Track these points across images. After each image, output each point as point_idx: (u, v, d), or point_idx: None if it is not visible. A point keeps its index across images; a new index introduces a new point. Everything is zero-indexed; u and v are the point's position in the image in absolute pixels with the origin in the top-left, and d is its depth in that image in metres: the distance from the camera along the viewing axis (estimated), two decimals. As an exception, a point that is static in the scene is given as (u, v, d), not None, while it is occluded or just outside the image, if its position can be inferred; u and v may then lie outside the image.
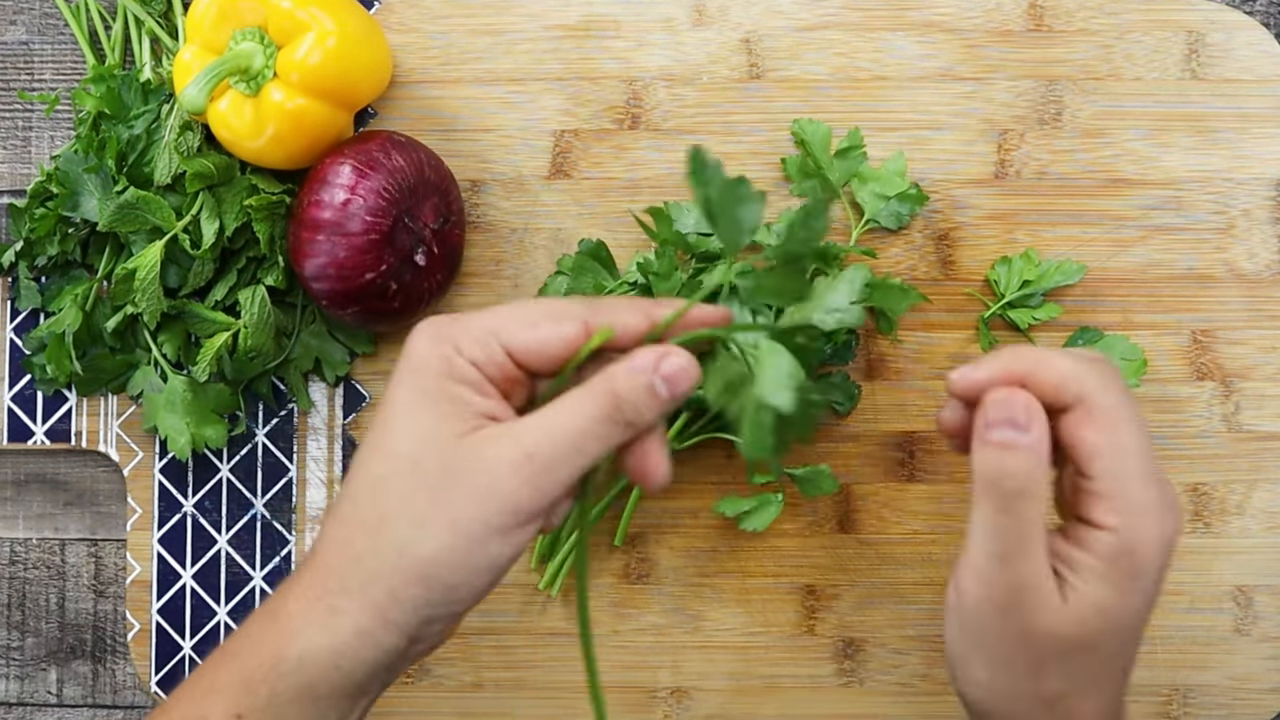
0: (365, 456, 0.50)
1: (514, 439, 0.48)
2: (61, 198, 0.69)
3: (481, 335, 0.49)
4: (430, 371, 0.49)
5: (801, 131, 0.71)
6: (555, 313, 0.50)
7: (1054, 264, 0.71)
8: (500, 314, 0.50)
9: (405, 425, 0.49)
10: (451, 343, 0.49)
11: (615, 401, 0.48)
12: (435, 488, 0.48)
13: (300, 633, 0.48)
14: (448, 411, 0.48)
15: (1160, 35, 0.72)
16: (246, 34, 0.66)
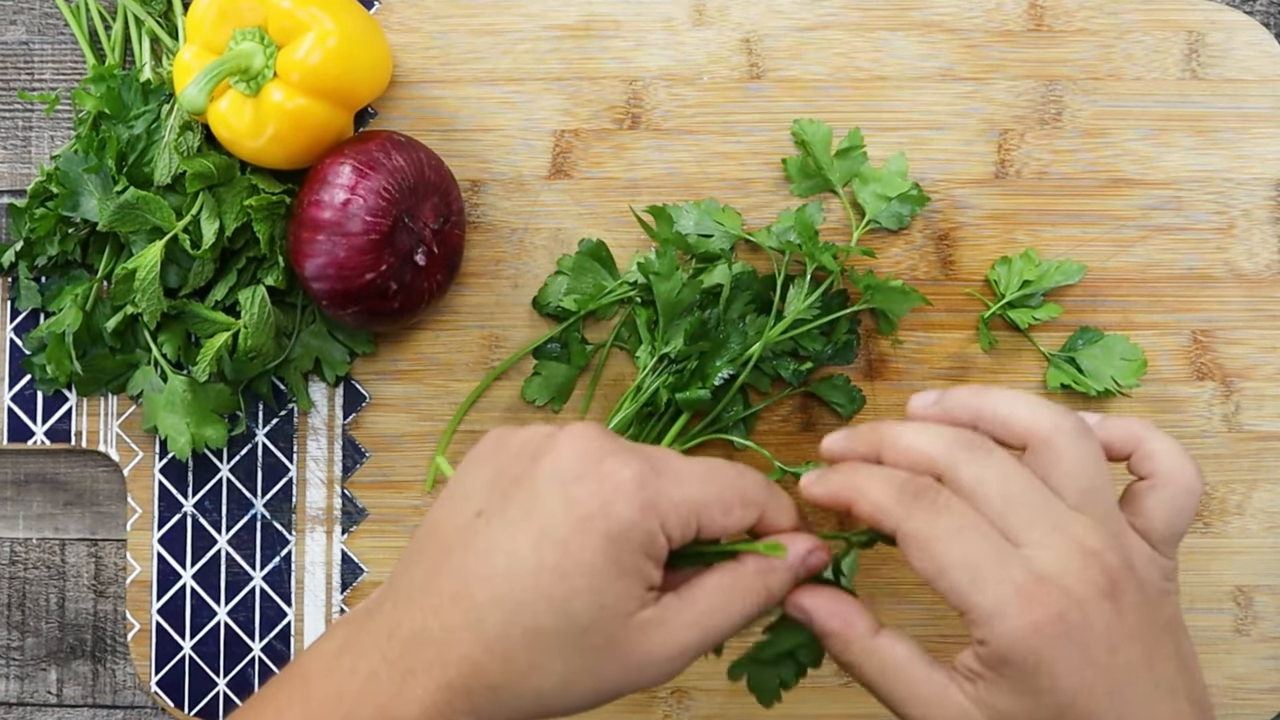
0: (530, 598, 0.48)
1: (672, 632, 0.49)
2: (61, 198, 0.69)
3: (686, 515, 0.49)
4: (631, 545, 0.48)
5: (802, 132, 0.71)
6: (746, 498, 0.51)
7: (1054, 264, 0.71)
8: (703, 489, 0.50)
9: (588, 592, 0.47)
10: (660, 518, 0.48)
11: (769, 597, 0.51)
12: (595, 658, 0.48)
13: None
14: (631, 588, 0.48)
15: (1160, 35, 0.72)
16: (246, 34, 0.66)
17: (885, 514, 0.49)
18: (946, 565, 0.47)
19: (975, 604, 0.47)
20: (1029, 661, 0.46)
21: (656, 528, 0.48)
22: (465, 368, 0.73)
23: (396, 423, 0.73)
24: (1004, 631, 0.46)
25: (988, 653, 0.47)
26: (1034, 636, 0.46)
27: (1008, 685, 0.47)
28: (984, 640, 0.47)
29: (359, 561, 0.72)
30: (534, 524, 0.48)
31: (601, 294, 0.71)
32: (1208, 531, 0.71)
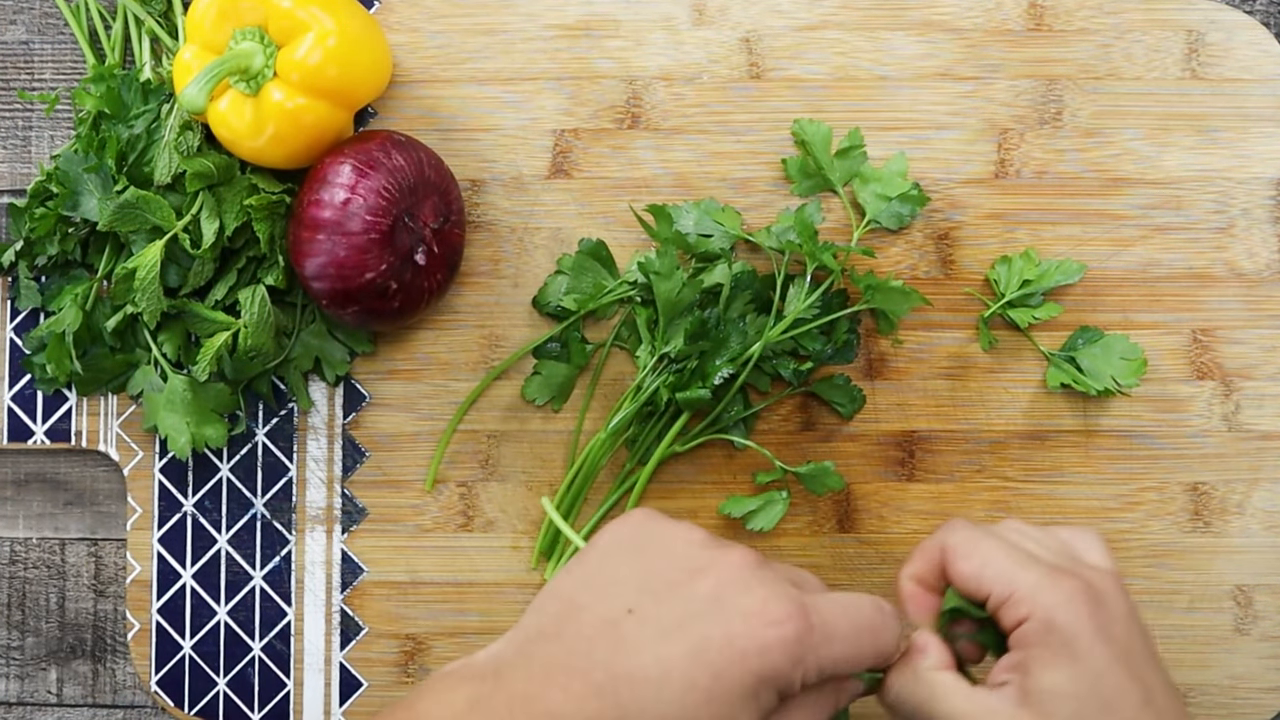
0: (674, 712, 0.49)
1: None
2: (61, 197, 0.69)
3: (827, 671, 0.51)
4: (773, 688, 0.50)
5: (802, 132, 0.71)
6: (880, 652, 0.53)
7: (1054, 263, 0.71)
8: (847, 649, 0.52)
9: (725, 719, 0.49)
10: (804, 670, 0.50)
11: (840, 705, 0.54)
12: None
13: None
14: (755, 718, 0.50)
15: (1160, 35, 0.72)
16: (246, 34, 0.66)
17: (933, 540, 0.56)
18: (990, 556, 0.54)
19: (1021, 581, 0.52)
20: (1072, 623, 0.51)
21: (799, 678, 0.50)
22: (465, 367, 0.73)
23: (396, 422, 0.73)
24: (1048, 600, 0.51)
25: (1032, 626, 0.52)
26: (1074, 600, 0.52)
27: (1050, 657, 0.51)
28: (1029, 614, 0.52)
29: (359, 561, 0.72)
30: (689, 641, 0.49)
31: (601, 294, 0.71)
32: (1208, 531, 0.71)
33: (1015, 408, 0.72)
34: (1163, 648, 0.71)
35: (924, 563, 0.56)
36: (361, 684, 0.72)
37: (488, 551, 0.72)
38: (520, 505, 0.72)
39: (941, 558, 0.56)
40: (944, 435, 0.72)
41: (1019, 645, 0.52)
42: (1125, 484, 0.72)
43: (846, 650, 0.51)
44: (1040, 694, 0.51)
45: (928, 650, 0.54)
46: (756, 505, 0.69)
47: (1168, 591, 0.71)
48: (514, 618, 0.72)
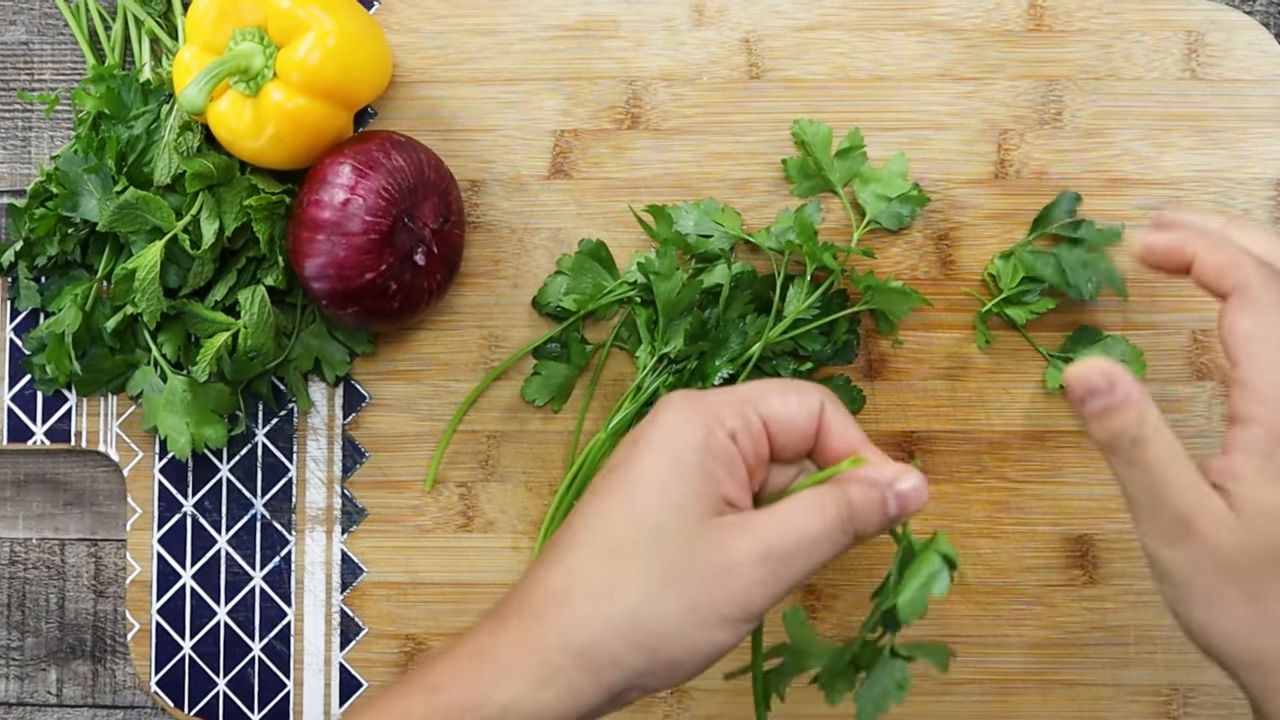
0: (605, 514, 0.49)
1: (755, 533, 0.48)
2: (61, 198, 0.69)
3: (738, 405, 0.50)
4: (689, 444, 0.49)
5: (802, 133, 0.71)
6: (797, 386, 0.51)
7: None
8: (748, 387, 0.51)
9: (655, 495, 0.48)
10: (713, 414, 0.49)
11: (850, 510, 0.50)
12: (676, 565, 0.48)
13: (507, 681, 0.48)
14: (700, 490, 0.48)
15: (1160, 35, 0.72)
16: (246, 34, 0.66)
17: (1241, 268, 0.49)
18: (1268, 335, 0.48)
19: (1272, 381, 0.47)
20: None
21: (713, 424, 0.49)
22: (465, 368, 0.73)
23: (396, 423, 0.73)
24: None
25: (1260, 433, 0.47)
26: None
27: (1272, 471, 0.47)
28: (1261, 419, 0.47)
29: (359, 561, 0.72)
30: (610, 465, 0.50)
31: (601, 294, 0.71)
32: (1208, 531, 0.71)
33: (1015, 408, 0.72)
34: (1163, 648, 0.71)
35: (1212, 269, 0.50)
36: (361, 684, 0.72)
37: (488, 552, 0.72)
38: (520, 505, 0.72)
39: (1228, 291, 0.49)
40: (944, 435, 0.72)
41: (1237, 448, 0.48)
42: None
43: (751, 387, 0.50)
44: (1255, 508, 0.47)
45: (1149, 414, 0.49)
46: (756, 505, 0.69)
47: (1168, 592, 0.71)
48: (514, 618, 0.72)
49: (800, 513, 0.49)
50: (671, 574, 0.48)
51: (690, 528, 0.48)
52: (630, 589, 0.48)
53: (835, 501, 0.49)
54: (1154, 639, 0.71)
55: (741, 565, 0.48)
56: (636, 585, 0.48)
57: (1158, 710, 0.71)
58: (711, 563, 0.48)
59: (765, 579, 0.48)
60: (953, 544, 0.52)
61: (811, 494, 0.50)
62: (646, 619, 0.48)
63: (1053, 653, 0.71)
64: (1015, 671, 0.71)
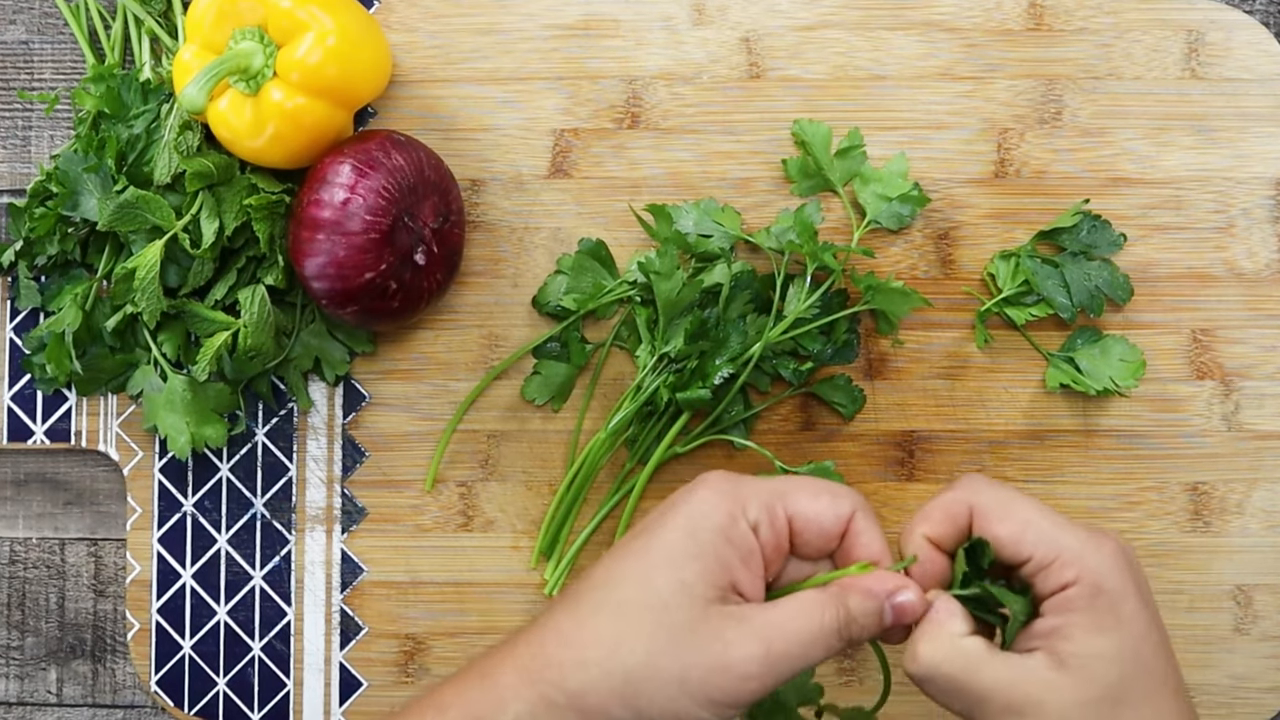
0: (618, 571, 0.51)
1: (754, 629, 0.50)
2: (61, 197, 0.69)
3: (769, 499, 0.52)
4: (710, 526, 0.50)
5: (802, 133, 0.71)
6: (832, 489, 0.53)
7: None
8: (784, 481, 0.53)
9: (669, 567, 0.50)
10: (740, 502, 0.51)
11: (847, 617, 0.51)
12: (676, 640, 0.49)
13: (508, 706, 0.50)
14: (711, 571, 0.50)
15: (1160, 34, 0.72)
16: (246, 33, 0.66)
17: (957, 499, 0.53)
18: (1029, 517, 0.51)
19: (1066, 544, 0.50)
20: (1119, 587, 0.50)
21: (737, 511, 0.51)
22: (465, 367, 0.73)
23: (396, 422, 0.73)
24: (1095, 563, 0.50)
25: (1079, 591, 0.50)
26: (1116, 563, 0.50)
27: (1095, 622, 0.50)
28: (1076, 579, 0.50)
29: (359, 561, 0.72)
30: (633, 533, 0.52)
31: (601, 293, 0.71)
32: (1208, 531, 0.71)
33: (1015, 408, 0.72)
34: (1162, 647, 0.71)
35: (943, 523, 0.53)
36: (361, 684, 0.72)
37: (487, 551, 0.72)
38: (520, 505, 0.72)
39: (966, 519, 0.53)
40: (944, 435, 0.72)
41: (1059, 610, 0.50)
42: (1125, 484, 0.72)
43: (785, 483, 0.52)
44: (1083, 658, 0.49)
45: (954, 615, 0.51)
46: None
47: (1168, 591, 0.71)
48: (513, 618, 0.72)
49: (800, 615, 0.50)
50: (670, 648, 0.49)
51: (695, 608, 0.50)
52: (632, 650, 0.50)
53: (835, 607, 0.51)
54: (1154, 638, 0.71)
55: (738, 661, 0.49)
56: (638, 648, 0.50)
57: (1158, 710, 0.71)
58: (710, 651, 0.49)
59: (758, 675, 0.50)
60: None
61: (813, 596, 0.51)
62: (640, 682, 0.49)
63: (1053, 652, 0.71)
64: (1015, 671, 0.71)
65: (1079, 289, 0.70)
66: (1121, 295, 0.70)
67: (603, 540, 0.72)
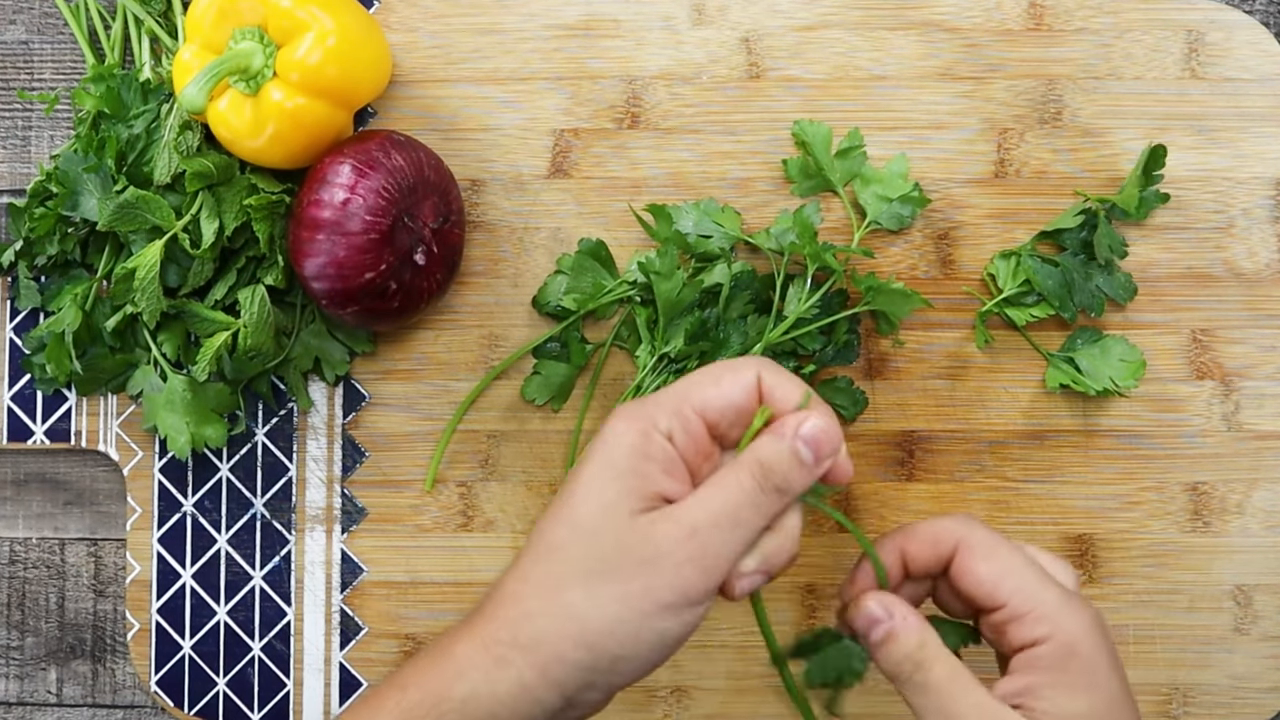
0: (549, 520, 0.52)
1: (676, 517, 0.50)
2: (61, 197, 0.69)
3: (674, 405, 0.51)
4: (623, 448, 0.50)
5: (802, 133, 0.71)
6: (732, 365, 0.52)
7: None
8: (685, 381, 0.52)
9: (588, 497, 0.50)
10: (648, 419, 0.51)
11: (763, 470, 0.50)
12: (608, 560, 0.49)
13: (466, 675, 0.50)
14: (631, 487, 0.50)
15: (1160, 34, 0.72)
16: (246, 33, 0.66)
17: (945, 529, 0.53)
18: (1014, 566, 0.51)
19: (1043, 600, 0.50)
20: (1094, 650, 0.50)
21: (648, 427, 0.50)
22: (465, 367, 0.73)
23: (396, 422, 0.73)
24: (1072, 623, 0.50)
25: (1050, 649, 0.50)
26: (1095, 627, 0.50)
27: (1069, 682, 0.49)
28: (1048, 637, 0.50)
29: (359, 561, 0.72)
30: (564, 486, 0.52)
31: (601, 293, 0.71)
32: (1208, 531, 0.71)
33: (1015, 408, 0.72)
34: (1162, 648, 0.71)
35: (925, 544, 0.53)
36: (361, 684, 0.72)
37: (487, 551, 0.72)
38: (520, 505, 0.72)
39: (950, 549, 0.53)
40: (944, 435, 0.72)
41: (1028, 668, 0.50)
42: (1125, 484, 0.72)
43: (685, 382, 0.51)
44: (1056, 719, 0.49)
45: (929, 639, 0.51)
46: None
47: (1168, 591, 0.71)
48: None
49: (717, 487, 0.50)
50: (605, 570, 0.49)
51: (621, 524, 0.49)
52: (570, 587, 0.49)
53: (747, 465, 0.50)
54: (1154, 638, 0.71)
55: (668, 550, 0.49)
56: (575, 583, 0.49)
57: (1158, 709, 0.71)
58: (640, 553, 0.49)
59: (694, 556, 0.49)
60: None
61: (727, 466, 0.51)
62: (585, 615, 0.49)
63: (1053, 652, 0.71)
64: (1015, 671, 0.71)
65: (1079, 289, 0.70)
66: (1122, 295, 0.70)
67: (603, 540, 0.72)
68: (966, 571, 0.52)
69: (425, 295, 0.68)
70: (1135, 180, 0.70)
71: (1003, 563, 0.51)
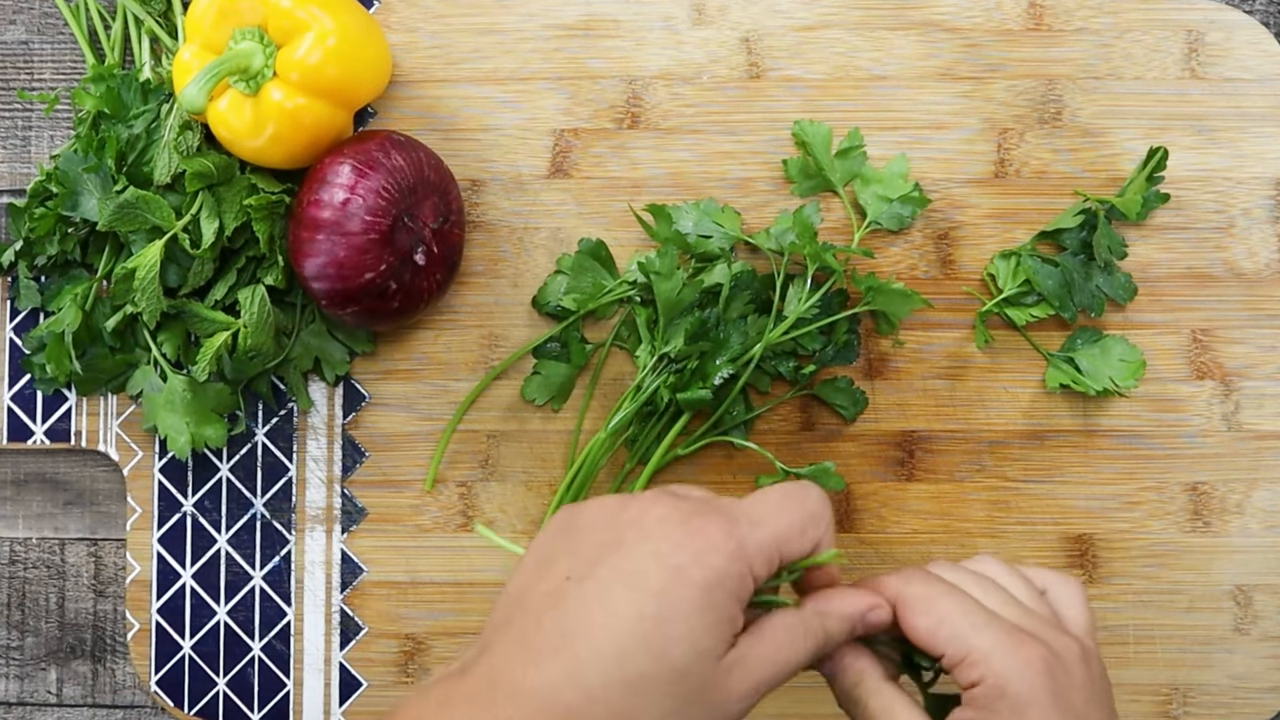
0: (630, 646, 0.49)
1: (747, 671, 0.51)
2: (61, 197, 0.69)
3: (771, 553, 0.51)
4: (725, 591, 0.50)
5: (803, 133, 0.71)
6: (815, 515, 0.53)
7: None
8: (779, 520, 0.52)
9: (686, 639, 0.49)
10: (748, 562, 0.51)
11: (826, 641, 0.53)
12: (686, 701, 0.49)
13: None
14: (724, 632, 0.50)
15: (1160, 34, 0.72)
16: (246, 33, 0.66)
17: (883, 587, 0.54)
18: (947, 615, 0.52)
19: (975, 645, 0.52)
20: (1023, 693, 0.50)
21: (746, 570, 0.50)
22: (465, 367, 0.73)
23: (396, 422, 0.73)
24: (1002, 666, 0.51)
25: (984, 690, 0.51)
26: (1028, 669, 0.51)
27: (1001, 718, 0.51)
28: (981, 679, 0.51)
29: (359, 561, 0.72)
30: (628, 580, 0.50)
31: (601, 293, 0.71)
32: (1208, 531, 0.71)
33: (1015, 408, 0.72)
34: (1162, 648, 0.71)
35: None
36: (361, 684, 0.72)
37: (488, 551, 0.72)
38: (520, 505, 0.72)
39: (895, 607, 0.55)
40: (944, 435, 0.72)
41: (970, 704, 0.52)
42: (1125, 484, 0.72)
43: (780, 525, 0.51)
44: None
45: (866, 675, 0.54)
46: (756, 505, 0.69)
47: (1168, 591, 0.71)
48: (514, 618, 0.72)
49: (786, 645, 0.52)
50: (680, 710, 0.49)
51: (708, 670, 0.50)
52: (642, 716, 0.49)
53: (814, 633, 0.52)
54: (1154, 638, 0.71)
55: (737, 698, 0.50)
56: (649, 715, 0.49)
57: (1158, 710, 0.71)
58: (715, 699, 0.50)
59: (749, 700, 0.51)
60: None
61: (794, 624, 0.52)
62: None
63: (1053, 652, 0.71)
64: (1015, 671, 0.71)
65: (1079, 289, 0.70)
66: (1123, 295, 0.70)
67: (603, 540, 0.72)
68: (908, 627, 0.54)
69: (425, 295, 0.68)
70: (1138, 184, 0.70)
71: (936, 615, 0.53)
